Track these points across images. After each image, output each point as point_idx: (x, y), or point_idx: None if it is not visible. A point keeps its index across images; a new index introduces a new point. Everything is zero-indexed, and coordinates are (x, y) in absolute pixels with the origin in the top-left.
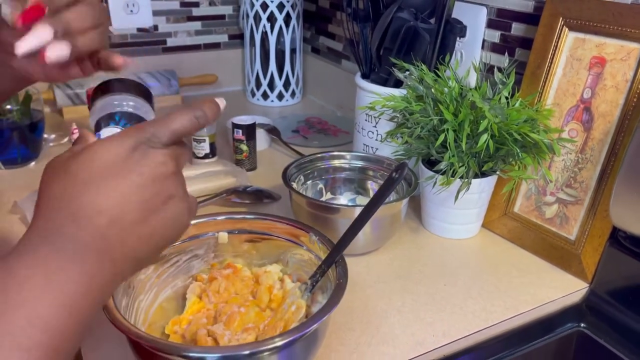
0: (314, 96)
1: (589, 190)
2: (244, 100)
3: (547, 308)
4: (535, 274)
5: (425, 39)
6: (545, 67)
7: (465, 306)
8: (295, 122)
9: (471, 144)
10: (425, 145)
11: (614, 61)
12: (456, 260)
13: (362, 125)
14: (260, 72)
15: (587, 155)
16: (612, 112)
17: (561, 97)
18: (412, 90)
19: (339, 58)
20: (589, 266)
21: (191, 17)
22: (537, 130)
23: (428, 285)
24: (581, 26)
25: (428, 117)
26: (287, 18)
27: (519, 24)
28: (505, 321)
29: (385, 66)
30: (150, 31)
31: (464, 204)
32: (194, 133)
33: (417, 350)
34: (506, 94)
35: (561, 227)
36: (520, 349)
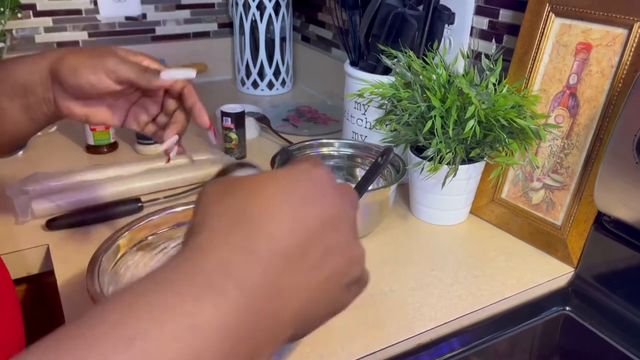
0: (304, 85)
1: (575, 175)
2: (234, 89)
3: (533, 292)
4: (522, 259)
5: (413, 26)
6: (532, 53)
7: (452, 290)
8: (285, 110)
9: (458, 130)
10: (413, 132)
11: (599, 47)
12: (444, 246)
13: (351, 113)
14: (250, 61)
15: (573, 141)
16: (598, 97)
17: (547, 83)
18: (400, 77)
19: (329, 46)
20: (575, 251)
21: (180, 5)
22: (524, 116)
23: (415, 270)
24: (567, 12)
25: (416, 104)
26: (277, 6)
27: (506, 10)
28: (492, 305)
29: (374, 53)
30: (139, 19)
31: (451, 190)
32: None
33: (405, 334)
34: (493, 80)
35: (547, 212)
36: (507, 332)
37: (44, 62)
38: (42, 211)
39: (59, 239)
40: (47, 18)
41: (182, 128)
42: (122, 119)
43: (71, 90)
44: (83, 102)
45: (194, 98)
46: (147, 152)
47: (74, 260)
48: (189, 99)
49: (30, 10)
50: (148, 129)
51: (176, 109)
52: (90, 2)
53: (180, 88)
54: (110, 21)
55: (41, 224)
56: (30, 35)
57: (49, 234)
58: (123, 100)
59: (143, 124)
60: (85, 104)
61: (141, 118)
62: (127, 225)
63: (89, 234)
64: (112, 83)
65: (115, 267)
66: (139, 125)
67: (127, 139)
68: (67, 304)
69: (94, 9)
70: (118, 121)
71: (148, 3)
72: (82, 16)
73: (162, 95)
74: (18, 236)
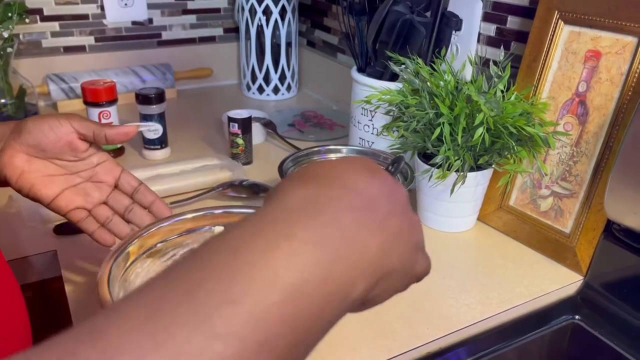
0: (310, 90)
1: (584, 183)
2: (239, 94)
3: (542, 300)
4: (530, 267)
5: (421, 33)
6: (541, 60)
7: (460, 299)
8: (291, 115)
9: (467, 137)
10: (421, 139)
11: (609, 54)
12: (452, 253)
13: (358, 119)
14: (256, 66)
15: (582, 149)
16: (607, 105)
17: (556, 91)
18: (408, 84)
19: (335, 52)
20: (584, 259)
21: (186, 10)
22: (533, 124)
23: (424, 278)
24: (576, 19)
25: (424, 111)
26: (283, 11)
27: (514, 17)
28: (501, 314)
29: (381, 60)
30: (145, 24)
31: (459, 197)
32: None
33: (414, 343)
34: (502, 87)
35: (556, 220)
36: (515, 341)
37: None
38: (50, 217)
39: (67, 244)
40: (54, 23)
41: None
42: (53, 195)
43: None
44: (27, 158)
45: (152, 195)
46: (154, 157)
47: (82, 266)
48: (148, 195)
49: (37, 15)
50: (76, 214)
51: (129, 205)
52: (97, 7)
53: (135, 185)
54: (116, 26)
55: (49, 229)
56: (37, 39)
57: (57, 240)
58: (63, 178)
59: (73, 206)
60: (28, 160)
61: (75, 200)
62: (136, 232)
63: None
64: (72, 130)
65: (125, 274)
66: (68, 207)
67: (133, 144)
68: (75, 309)
69: (101, 14)
70: (47, 195)
71: (154, 8)
72: (88, 21)
73: (110, 190)
74: (26, 241)
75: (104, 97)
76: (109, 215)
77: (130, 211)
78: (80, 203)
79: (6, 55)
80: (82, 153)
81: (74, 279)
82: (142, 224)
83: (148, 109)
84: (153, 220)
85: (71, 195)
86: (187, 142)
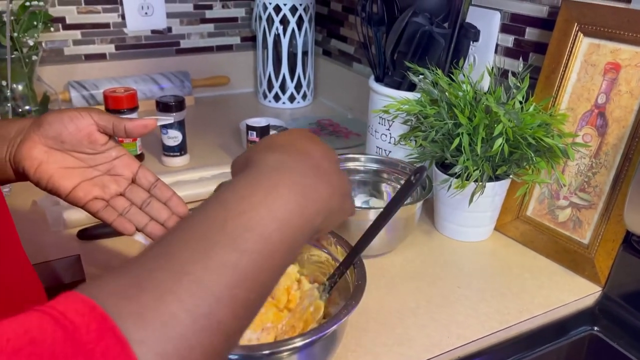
0: (325, 98)
1: (603, 194)
2: (255, 102)
3: (561, 311)
4: (548, 277)
5: (440, 44)
6: (560, 72)
7: (479, 308)
8: (306, 124)
9: (486, 147)
10: (439, 149)
11: (628, 67)
12: (469, 263)
13: (375, 128)
14: (272, 74)
15: (601, 160)
16: (627, 117)
17: (575, 102)
18: (426, 94)
19: (350, 61)
20: (602, 270)
21: (204, 19)
22: (552, 135)
23: (442, 287)
24: (596, 32)
25: (442, 121)
26: (300, 21)
27: (533, 28)
28: (519, 324)
29: (400, 70)
30: (164, 33)
31: (477, 207)
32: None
33: (432, 352)
34: (520, 98)
35: (574, 231)
36: (534, 352)
37: (34, 117)
38: (73, 222)
39: (90, 249)
40: (76, 31)
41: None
42: (71, 187)
43: (47, 125)
44: (46, 149)
45: (169, 190)
46: (173, 164)
47: (105, 270)
48: (165, 191)
49: (59, 23)
50: (94, 204)
51: (147, 199)
52: (118, 16)
53: (153, 180)
54: (136, 34)
55: (73, 234)
56: (60, 47)
57: (81, 244)
58: (81, 171)
59: (91, 197)
60: (47, 152)
61: (92, 191)
62: None
63: (118, 244)
64: (91, 122)
65: None
66: (85, 197)
67: (153, 151)
68: None
69: (122, 23)
70: (65, 187)
71: (173, 17)
72: (109, 29)
73: (127, 183)
74: (50, 246)
75: (125, 105)
76: (127, 206)
77: (148, 204)
78: (98, 194)
79: (31, 62)
80: (101, 146)
81: None
82: (160, 217)
83: (168, 116)
84: (170, 214)
85: (89, 187)
86: (206, 149)
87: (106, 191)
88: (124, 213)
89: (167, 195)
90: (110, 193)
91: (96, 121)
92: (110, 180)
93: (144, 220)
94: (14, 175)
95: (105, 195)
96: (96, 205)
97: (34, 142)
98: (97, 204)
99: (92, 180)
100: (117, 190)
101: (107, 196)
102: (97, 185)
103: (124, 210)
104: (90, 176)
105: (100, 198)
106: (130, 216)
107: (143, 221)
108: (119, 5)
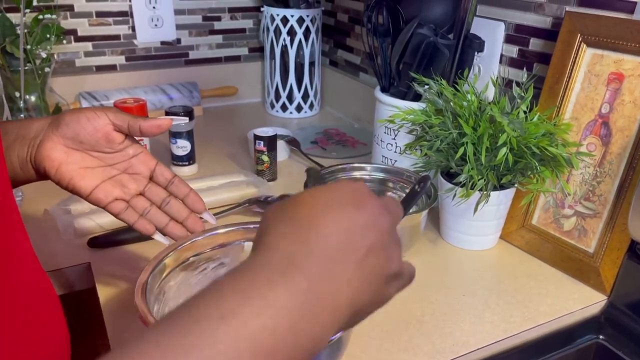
0: (332, 108)
1: (608, 203)
2: (263, 112)
3: (566, 320)
4: (554, 286)
5: (444, 55)
6: (564, 82)
7: (484, 316)
8: (313, 133)
9: (490, 157)
10: (444, 158)
11: (631, 77)
12: (474, 271)
13: (381, 137)
14: (280, 85)
15: (606, 169)
16: (630, 127)
17: (579, 112)
18: (432, 104)
19: (357, 71)
20: (608, 279)
21: (213, 30)
22: (556, 144)
23: (447, 295)
24: (599, 43)
25: (447, 131)
26: (307, 32)
27: (537, 39)
28: (524, 332)
29: (405, 80)
30: (174, 44)
31: (482, 216)
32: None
33: (436, 359)
34: (524, 108)
35: (579, 239)
36: None
37: (51, 117)
38: (84, 230)
39: (101, 257)
40: (87, 43)
41: (182, 216)
42: (92, 187)
43: (65, 126)
44: (66, 150)
45: (186, 187)
46: (182, 173)
47: (115, 278)
48: (182, 188)
49: (71, 35)
50: (116, 205)
51: (166, 198)
52: (129, 28)
53: (170, 177)
54: (146, 46)
55: (83, 242)
56: (72, 59)
57: (91, 252)
58: (100, 170)
59: (112, 198)
60: (66, 152)
61: (113, 191)
62: (173, 245)
63: (128, 253)
64: (108, 122)
65: (160, 286)
66: (106, 198)
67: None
68: (109, 320)
69: (132, 35)
70: (86, 187)
71: (183, 28)
72: (120, 41)
73: (146, 182)
74: (61, 254)
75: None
76: (147, 206)
77: (167, 204)
78: (118, 194)
79: (44, 74)
80: (118, 145)
81: (108, 291)
82: (179, 216)
83: (177, 126)
84: (189, 213)
85: (109, 187)
86: (214, 158)
87: (126, 191)
88: (145, 214)
89: (185, 192)
90: (130, 193)
91: (112, 120)
92: (129, 179)
93: (164, 220)
94: (35, 175)
95: (125, 195)
96: (118, 207)
97: (53, 143)
98: (118, 205)
99: (112, 180)
100: (137, 190)
101: (127, 196)
102: (116, 186)
103: (145, 210)
104: (110, 175)
105: (121, 199)
106: (150, 217)
107: (163, 221)
108: (130, 17)
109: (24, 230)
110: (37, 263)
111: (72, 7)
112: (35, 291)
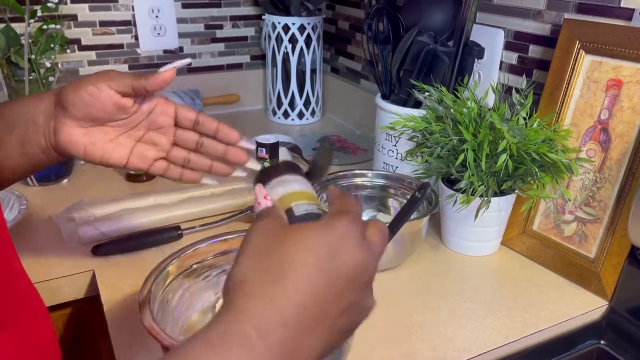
0: (333, 115)
1: (608, 209)
2: (265, 119)
3: (567, 325)
4: (555, 291)
5: (444, 62)
6: (563, 88)
7: (485, 322)
8: (314, 140)
9: (490, 163)
10: (445, 164)
11: (630, 83)
12: (476, 277)
13: (382, 144)
14: (282, 92)
15: (605, 175)
16: (630, 133)
17: (579, 118)
18: (432, 111)
19: (358, 78)
20: (609, 284)
21: (215, 39)
22: (555, 150)
23: (448, 301)
24: (597, 49)
25: (448, 137)
26: (308, 39)
27: (536, 46)
28: (526, 337)
29: (405, 87)
30: (176, 52)
31: (483, 222)
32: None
33: None
34: (524, 114)
35: (580, 245)
36: None
37: (50, 94)
38: (88, 238)
39: (105, 264)
40: (90, 52)
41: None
42: (126, 156)
43: (73, 108)
44: (84, 131)
45: (214, 121)
46: None
47: (119, 285)
48: (210, 124)
49: (75, 44)
50: (158, 167)
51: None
52: (132, 37)
53: (194, 118)
54: (149, 54)
55: (87, 250)
56: (75, 68)
57: (95, 260)
58: (126, 137)
59: (151, 160)
60: (85, 133)
61: (148, 154)
62: (176, 253)
63: (132, 260)
64: (113, 93)
65: (164, 294)
66: (145, 162)
67: None
68: (113, 327)
69: (135, 43)
70: (120, 158)
71: (185, 37)
72: (123, 50)
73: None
74: (65, 262)
75: None
76: (185, 155)
77: (202, 145)
78: (153, 155)
79: (48, 83)
80: (131, 108)
81: (112, 299)
82: (217, 152)
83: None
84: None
85: (141, 151)
86: None
87: (159, 148)
88: (186, 164)
89: (214, 127)
90: (163, 148)
91: (115, 89)
92: (157, 135)
93: (207, 163)
94: (62, 157)
95: (160, 152)
96: (160, 167)
97: (69, 128)
98: (159, 165)
99: (141, 143)
100: (168, 142)
101: (163, 153)
102: (148, 147)
103: (185, 160)
104: (136, 138)
105: (159, 158)
106: (192, 165)
107: (207, 164)
108: (133, 26)
109: (12, 246)
110: (26, 277)
111: (76, 17)
112: (25, 307)
